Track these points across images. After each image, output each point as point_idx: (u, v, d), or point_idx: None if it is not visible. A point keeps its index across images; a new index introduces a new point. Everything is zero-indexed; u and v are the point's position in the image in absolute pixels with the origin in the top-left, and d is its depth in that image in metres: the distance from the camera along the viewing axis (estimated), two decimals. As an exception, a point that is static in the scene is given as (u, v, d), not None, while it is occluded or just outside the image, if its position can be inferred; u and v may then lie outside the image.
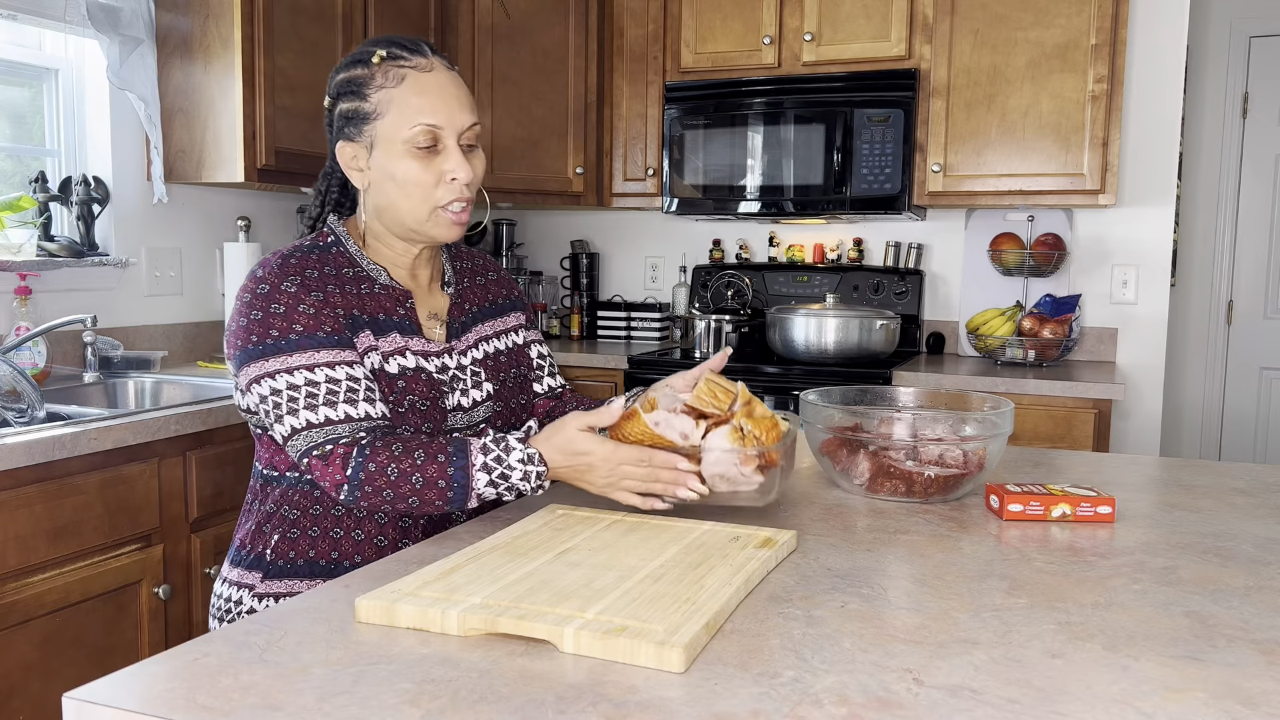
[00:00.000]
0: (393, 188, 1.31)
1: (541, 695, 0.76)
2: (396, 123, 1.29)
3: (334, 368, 1.24)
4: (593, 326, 3.93)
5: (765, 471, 1.22)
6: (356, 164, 1.34)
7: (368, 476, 1.20)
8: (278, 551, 1.32)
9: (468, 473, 1.20)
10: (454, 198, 1.32)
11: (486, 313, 1.49)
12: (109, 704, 0.74)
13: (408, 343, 1.34)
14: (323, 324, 1.26)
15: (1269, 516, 1.34)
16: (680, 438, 1.21)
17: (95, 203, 2.63)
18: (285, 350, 1.24)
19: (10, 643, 1.76)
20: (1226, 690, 0.79)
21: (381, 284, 1.35)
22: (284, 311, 1.25)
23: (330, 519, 1.32)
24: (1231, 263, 4.45)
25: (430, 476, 1.20)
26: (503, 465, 1.21)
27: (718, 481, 1.21)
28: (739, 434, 1.20)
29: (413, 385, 1.32)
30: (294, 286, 1.27)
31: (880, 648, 0.86)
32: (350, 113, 1.32)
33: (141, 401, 2.51)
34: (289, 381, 1.23)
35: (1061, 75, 3.02)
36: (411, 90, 1.29)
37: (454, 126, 1.31)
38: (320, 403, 1.23)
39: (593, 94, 3.57)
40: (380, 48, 1.32)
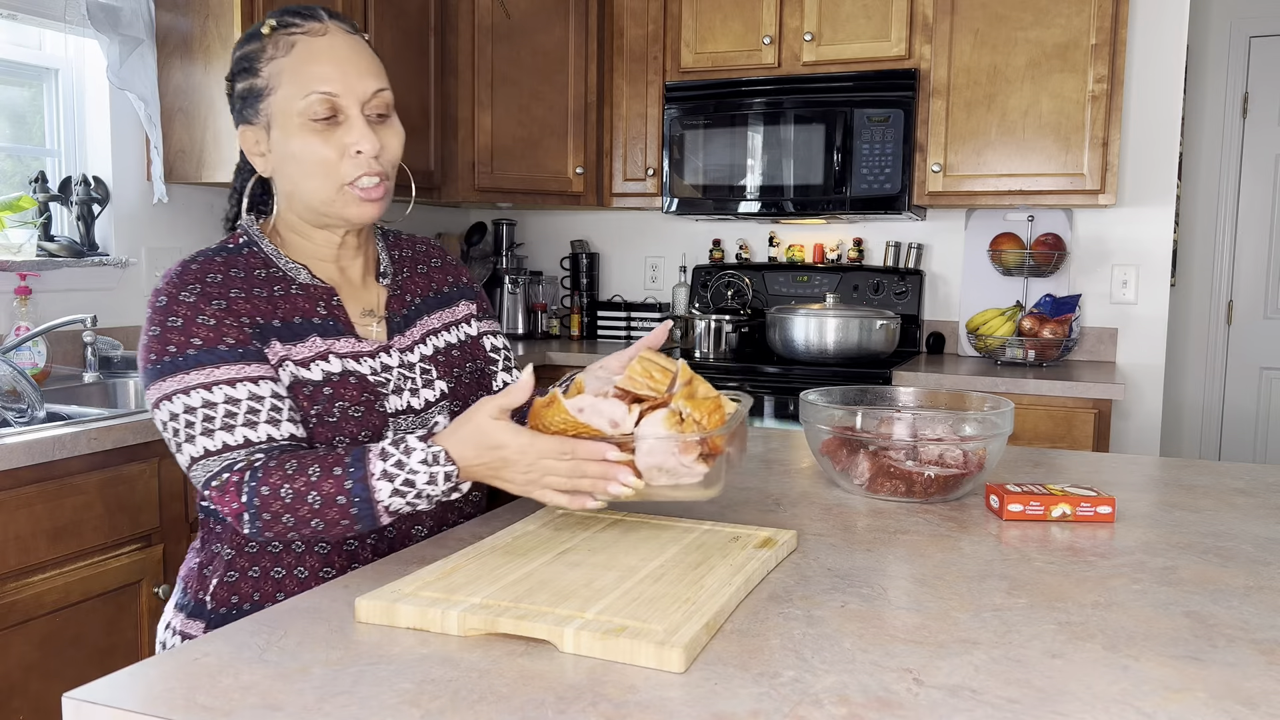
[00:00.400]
0: (295, 168, 1.18)
1: (541, 695, 0.76)
2: (290, 95, 1.16)
3: (235, 385, 1.12)
4: (593, 326, 3.93)
5: (709, 460, 1.05)
6: (258, 149, 1.21)
7: (263, 502, 1.06)
8: (218, 598, 1.20)
9: (367, 484, 1.06)
10: (361, 172, 1.18)
11: (432, 303, 1.35)
12: (109, 704, 0.74)
13: (332, 345, 1.21)
14: (224, 336, 1.14)
15: (1269, 516, 1.34)
16: (609, 425, 1.04)
17: (95, 203, 2.63)
18: (182, 368, 1.11)
19: (10, 643, 1.76)
20: (1226, 690, 0.79)
21: (301, 283, 1.23)
22: (181, 325, 1.13)
23: (268, 556, 1.19)
24: (1231, 263, 4.45)
25: (328, 494, 1.05)
26: (404, 470, 1.06)
27: (656, 474, 1.04)
28: (677, 419, 1.04)
29: (341, 390, 1.19)
30: (192, 296, 1.15)
31: (880, 648, 0.86)
32: (245, 92, 1.20)
33: (141, 401, 2.51)
34: (185, 404, 1.11)
35: (1061, 75, 3.02)
36: (302, 57, 1.16)
37: (354, 94, 1.17)
38: (218, 427, 1.10)
39: (593, 94, 3.57)
40: (271, 17, 1.19)
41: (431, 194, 3.45)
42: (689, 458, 1.03)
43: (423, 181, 3.36)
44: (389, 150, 1.21)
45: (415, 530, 1.25)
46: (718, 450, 1.06)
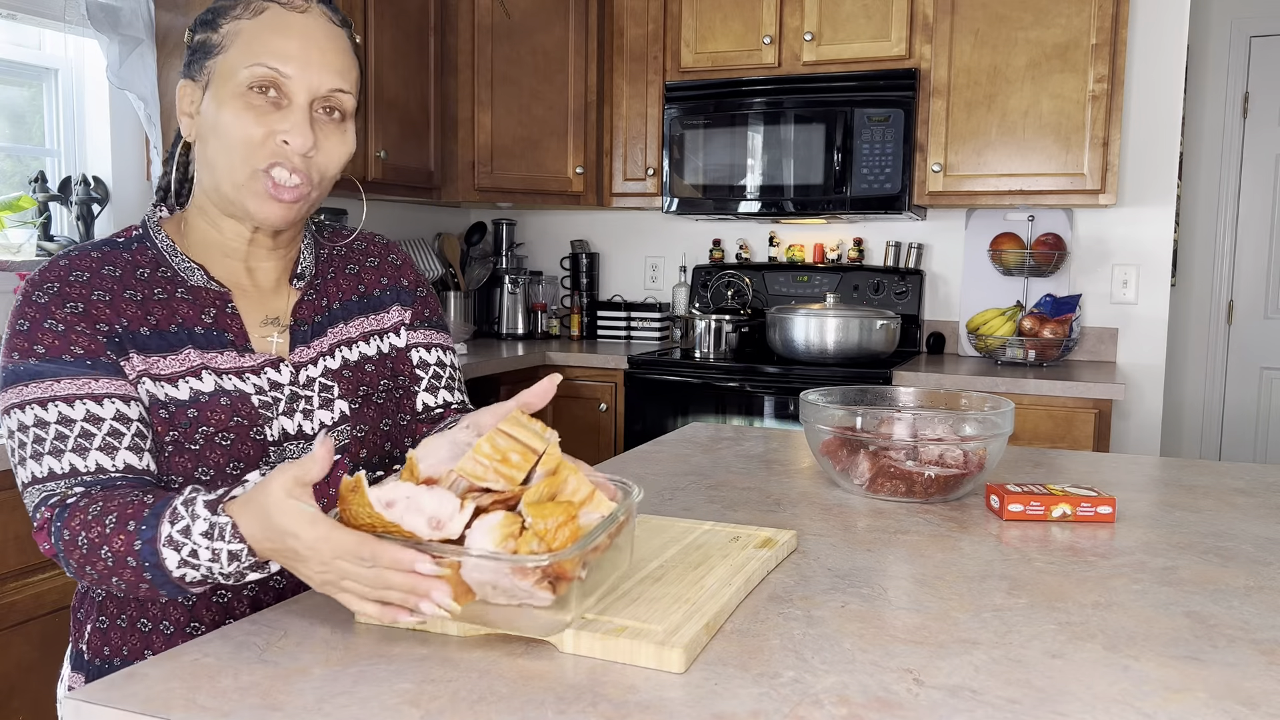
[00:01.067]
0: (215, 140, 1.03)
1: (541, 695, 0.76)
2: (237, 59, 1.02)
3: (72, 404, 0.96)
4: (593, 326, 3.92)
5: (557, 586, 0.80)
6: (189, 108, 1.06)
7: (65, 547, 0.92)
8: (93, 648, 1.06)
9: (155, 549, 0.88)
10: (277, 161, 1.02)
11: (352, 309, 1.17)
12: (108, 704, 0.74)
13: (209, 359, 1.05)
14: (72, 344, 0.99)
15: (1269, 516, 1.34)
16: (428, 526, 0.80)
17: (95, 202, 2.63)
18: (22, 378, 0.97)
19: (10, 643, 1.76)
20: (1227, 690, 0.79)
21: (191, 285, 1.07)
22: (27, 329, 0.99)
23: (133, 604, 1.04)
24: (1231, 263, 4.45)
25: (119, 551, 0.89)
26: (190, 539, 0.87)
27: (490, 592, 0.80)
28: (517, 527, 0.79)
29: (208, 413, 1.02)
30: (46, 297, 1.00)
31: (880, 648, 0.86)
32: (198, 45, 1.06)
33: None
34: (19, 420, 0.97)
35: (1062, 75, 3.02)
36: (267, 25, 1.02)
37: (307, 83, 1.02)
38: (46, 450, 0.95)
39: (593, 94, 3.57)
40: None
41: (431, 194, 3.45)
42: (526, 581, 0.78)
43: (423, 181, 3.36)
44: (324, 154, 1.05)
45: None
46: (565, 576, 0.80)
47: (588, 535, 0.81)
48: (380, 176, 3.12)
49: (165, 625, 1.04)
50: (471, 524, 0.80)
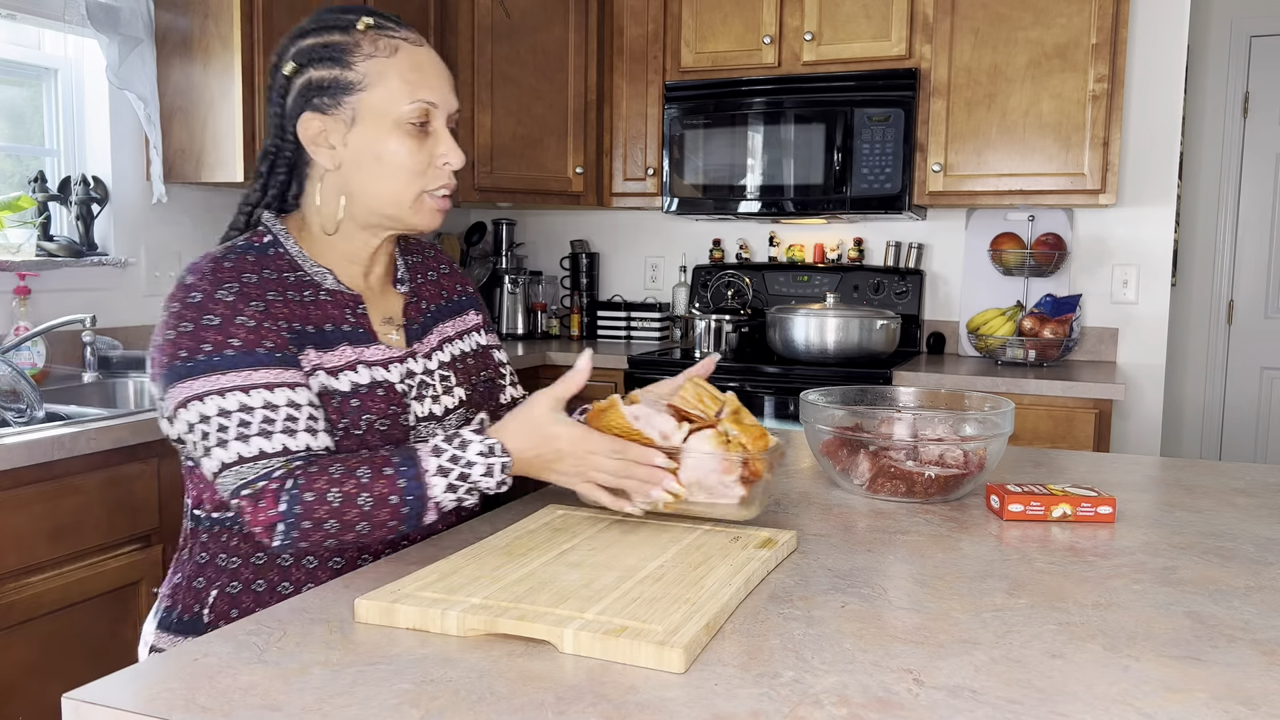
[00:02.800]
0: (376, 168, 1.17)
1: (541, 695, 0.76)
2: (390, 97, 1.15)
3: (273, 391, 1.08)
4: (593, 326, 3.92)
5: (748, 484, 1.11)
6: (325, 140, 1.17)
7: (306, 509, 1.03)
8: (217, 610, 1.15)
9: (422, 481, 1.06)
10: (442, 184, 1.20)
11: (445, 311, 1.34)
12: (108, 704, 0.74)
13: (361, 353, 1.19)
14: (264, 339, 1.10)
15: (1269, 516, 1.34)
16: (660, 436, 1.10)
17: (94, 202, 2.63)
18: (218, 368, 1.07)
19: (10, 643, 1.76)
20: (1227, 690, 0.79)
21: (327, 289, 1.20)
22: (219, 324, 1.09)
23: (276, 570, 1.16)
24: (1232, 263, 4.45)
25: (380, 494, 1.05)
26: (460, 464, 1.07)
27: (695, 490, 1.10)
28: (724, 440, 1.10)
29: (369, 403, 1.17)
30: (231, 295, 1.11)
31: (880, 648, 0.86)
32: (326, 82, 1.16)
33: (141, 401, 2.51)
34: (220, 406, 1.06)
35: (1062, 75, 3.02)
36: (409, 63, 1.17)
37: (447, 108, 1.21)
38: (254, 433, 1.06)
39: (593, 94, 3.57)
40: (360, 15, 1.17)
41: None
42: (730, 477, 1.09)
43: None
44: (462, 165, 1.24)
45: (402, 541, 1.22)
46: (758, 475, 1.11)
47: (772, 448, 1.13)
48: (380, 176, 3.12)
49: (309, 587, 1.16)
50: (687, 439, 1.11)
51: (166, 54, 2.71)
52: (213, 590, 1.16)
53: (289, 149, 1.21)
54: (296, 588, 1.16)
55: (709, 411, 1.14)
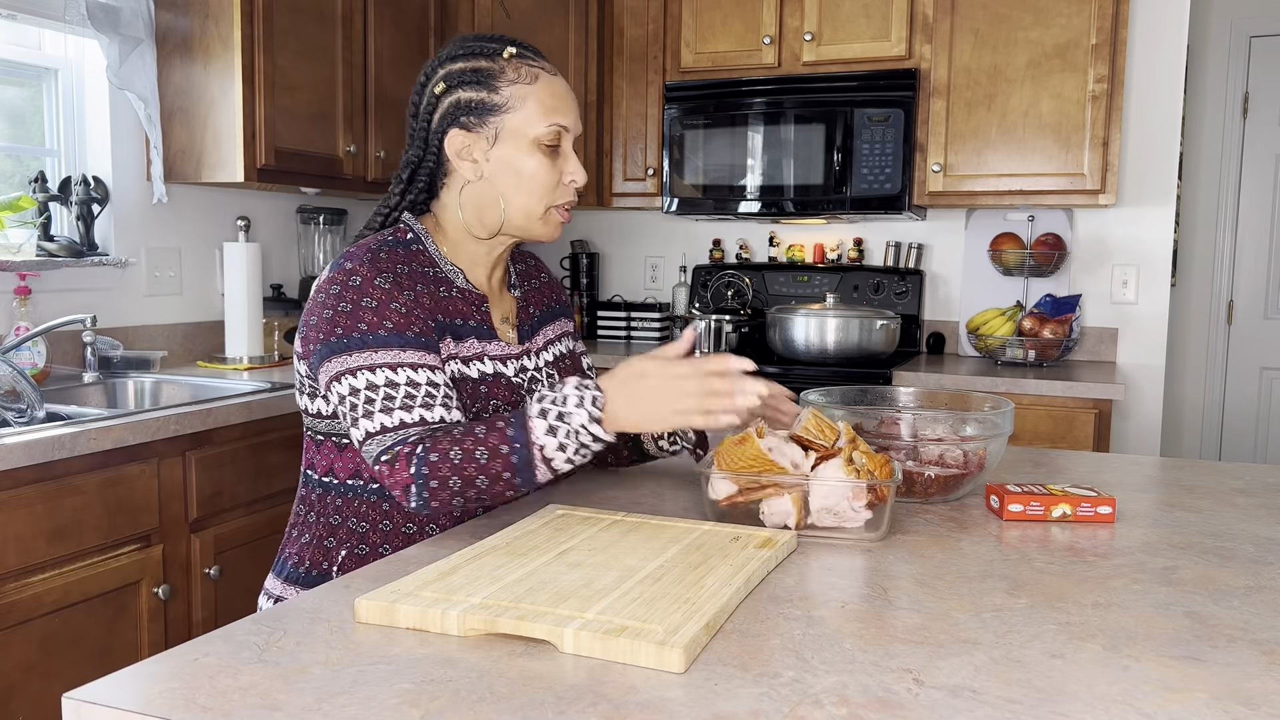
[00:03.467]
0: (514, 182, 1.31)
1: (541, 695, 0.76)
2: (530, 118, 1.29)
3: (416, 370, 1.21)
4: (593, 326, 3.93)
5: (873, 508, 1.18)
6: (469, 154, 1.31)
7: (431, 469, 1.14)
8: (344, 569, 1.28)
9: (526, 427, 1.14)
10: (568, 200, 1.35)
11: (546, 316, 1.48)
12: (108, 704, 0.74)
13: (485, 347, 1.33)
14: (413, 324, 1.23)
15: (1269, 516, 1.34)
16: (791, 465, 1.20)
17: (95, 203, 2.63)
18: (371, 346, 1.20)
19: (10, 643, 1.76)
20: (1227, 690, 0.79)
21: (459, 287, 1.34)
22: (376, 306, 1.22)
23: (401, 537, 1.28)
24: (1231, 263, 4.45)
25: (493, 445, 1.14)
26: (558, 404, 1.15)
27: (823, 515, 1.18)
28: (850, 466, 1.18)
29: (495, 390, 1.31)
30: (387, 283, 1.24)
31: (880, 648, 0.86)
32: (474, 103, 1.30)
33: (141, 401, 2.51)
34: (369, 380, 1.19)
35: (1062, 75, 3.02)
36: (549, 90, 1.31)
37: (575, 132, 1.35)
38: (397, 406, 1.18)
39: (593, 94, 3.57)
40: (505, 45, 1.31)
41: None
42: (859, 503, 1.17)
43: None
44: None
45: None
46: (883, 499, 1.18)
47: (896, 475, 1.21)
48: (380, 176, 3.12)
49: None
50: (815, 467, 1.20)
51: (167, 54, 2.71)
52: (342, 550, 1.29)
53: (431, 160, 1.34)
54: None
55: (828, 440, 1.24)
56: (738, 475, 1.20)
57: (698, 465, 1.28)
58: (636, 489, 1.43)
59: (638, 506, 1.33)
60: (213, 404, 2.16)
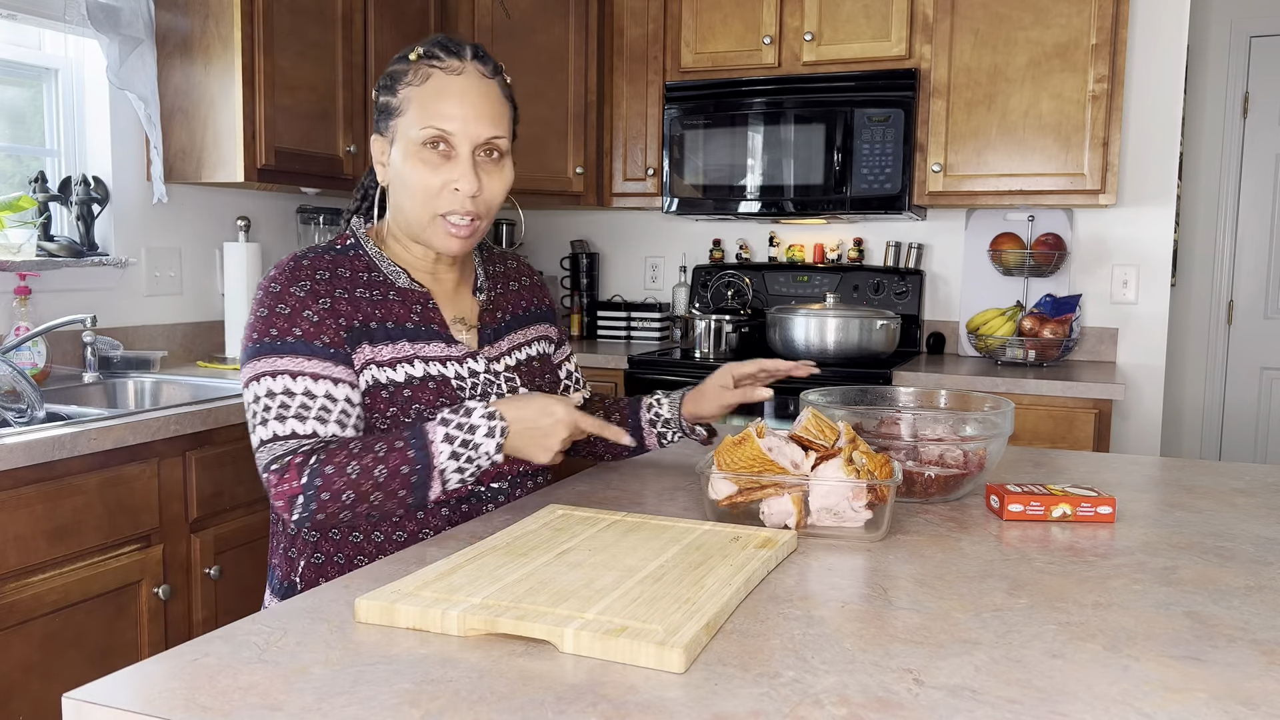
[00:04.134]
0: (401, 188, 1.29)
1: (541, 695, 0.76)
2: (411, 121, 1.27)
3: (317, 381, 1.22)
4: (593, 326, 3.92)
5: (873, 508, 1.19)
6: (382, 159, 1.33)
7: (325, 481, 1.16)
8: (306, 580, 1.29)
9: (428, 450, 1.18)
10: (453, 209, 1.28)
11: (520, 320, 1.46)
12: (109, 704, 0.74)
13: (419, 349, 1.30)
14: (323, 333, 1.24)
15: (1269, 516, 1.34)
16: (791, 465, 1.21)
17: (95, 203, 2.63)
18: (278, 352, 1.22)
19: (10, 643, 1.76)
20: (1227, 690, 0.79)
21: (400, 287, 1.33)
22: (288, 314, 1.24)
23: (350, 546, 1.28)
24: (1231, 263, 4.45)
25: (393, 465, 1.17)
26: (464, 430, 1.19)
27: (823, 515, 1.19)
28: (850, 466, 1.19)
29: (420, 394, 1.28)
30: (302, 291, 1.25)
31: (880, 648, 0.86)
32: (382, 106, 1.31)
33: (141, 401, 2.51)
34: (269, 388, 1.21)
35: (1062, 75, 3.02)
36: (431, 91, 1.27)
37: (469, 136, 1.27)
38: (291, 415, 1.20)
39: (593, 94, 3.57)
40: (423, 45, 1.30)
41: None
42: (859, 503, 1.18)
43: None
44: (488, 190, 1.30)
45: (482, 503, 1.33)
46: (883, 499, 1.19)
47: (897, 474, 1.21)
48: (380, 176, 3.12)
49: (360, 559, 1.28)
50: (815, 467, 1.20)
51: (167, 54, 2.71)
52: (301, 561, 1.30)
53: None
54: (371, 560, 1.27)
55: (828, 440, 1.25)
56: (738, 475, 1.20)
57: (698, 465, 1.28)
58: (636, 489, 1.43)
59: (638, 506, 1.33)
60: (213, 404, 2.16)
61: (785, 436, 1.25)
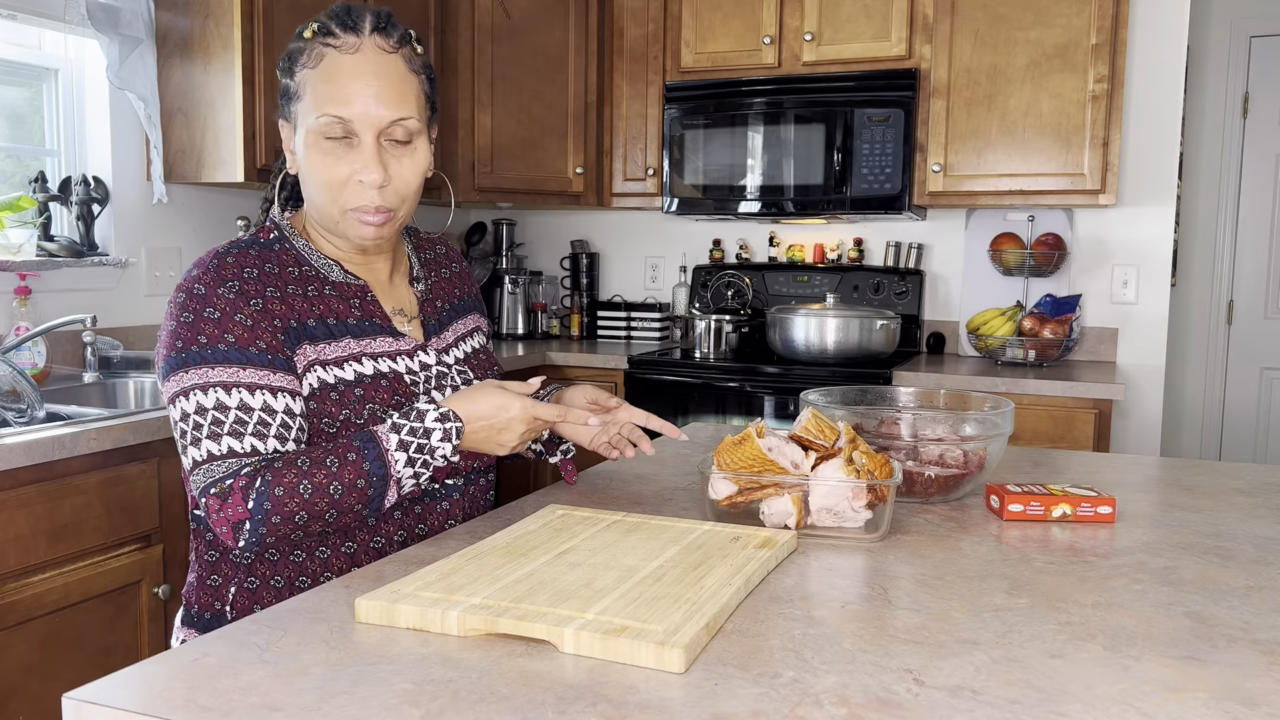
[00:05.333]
0: (306, 179, 1.18)
1: (541, 695, 0.76)
2: (308, 108, 1.15)
3: (253, 393, 1.09)
4: (593, 326, 3.92)
5: (873, 508, 1.18)
6: (288, 146, 1.21)
7: (275, 504, 1.05)
8: (239, 607, 1.17)
9: (384, 460, 1.10)
10: (361, 203, 1.16)
11: (457, 310, 1.38)
12: (109, 704, 0.74)
13: (365, 345, 1.20)
14: (258, 338, 1.12)
15: (1269, 516, 1.34)
16: (791, 465, 1.20)
17: (95, 203, 2.63)
18: (209, 361, 1.09)
19: (10, 643, 1.76)
20: (1227, 690, 0.79)
21: (334, 281, 1.21)
22: (219, 318, 1.11)
23: (291, 565, 1.17)
24: (1231, 263, 4.45)
25: (348, 480, 1.08)
26: (418, 435, 1.11)
27: (823, 515, 1.18)
28: (850, 466, 1.18)
29: (373, 393, 1.18)
30: (232, 292, 1.12)
31: (880, 648, 0.86)
32: (283, 90, 1.19)
33: (141, 401, 2.51)
34: (199, 403, 1.08)
35: (1062, 75, 3.02)
36: (326, 74, 1.13)
37: (369, 122, 1.14)
38: (226, 432, 1.08)
39: (593, 94, 3.57)
40: (317, 20, 1.16)
41: (431, 194, 3.45)
42: (859, 503, 1.17)
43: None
44: (399, 180, 1.17)
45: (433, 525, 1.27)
46: (883, 499, 1.18)
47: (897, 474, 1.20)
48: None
49: (327, 576, 1.18)
50: (815, 467, 1.19)
51: (167, 54, 2.71)
52: (230, 587, 1.18)
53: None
54: (314, 580, 1.18)
55: (828, 441, 1.24)
56: (738, 475, 1.20)
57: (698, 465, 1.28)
58: (637, 489, 1.43)
59: (638, 507, 1.33)
60: (213, 404, 2.16)
61: (785, 436, 1.25)
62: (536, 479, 3.25)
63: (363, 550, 1.21)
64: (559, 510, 1.24)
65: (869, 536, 1.19)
